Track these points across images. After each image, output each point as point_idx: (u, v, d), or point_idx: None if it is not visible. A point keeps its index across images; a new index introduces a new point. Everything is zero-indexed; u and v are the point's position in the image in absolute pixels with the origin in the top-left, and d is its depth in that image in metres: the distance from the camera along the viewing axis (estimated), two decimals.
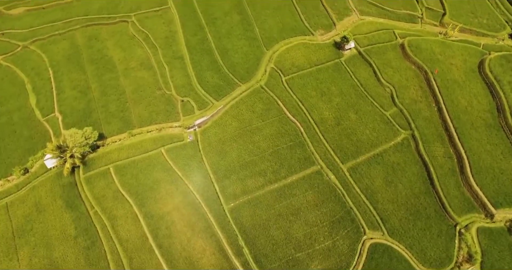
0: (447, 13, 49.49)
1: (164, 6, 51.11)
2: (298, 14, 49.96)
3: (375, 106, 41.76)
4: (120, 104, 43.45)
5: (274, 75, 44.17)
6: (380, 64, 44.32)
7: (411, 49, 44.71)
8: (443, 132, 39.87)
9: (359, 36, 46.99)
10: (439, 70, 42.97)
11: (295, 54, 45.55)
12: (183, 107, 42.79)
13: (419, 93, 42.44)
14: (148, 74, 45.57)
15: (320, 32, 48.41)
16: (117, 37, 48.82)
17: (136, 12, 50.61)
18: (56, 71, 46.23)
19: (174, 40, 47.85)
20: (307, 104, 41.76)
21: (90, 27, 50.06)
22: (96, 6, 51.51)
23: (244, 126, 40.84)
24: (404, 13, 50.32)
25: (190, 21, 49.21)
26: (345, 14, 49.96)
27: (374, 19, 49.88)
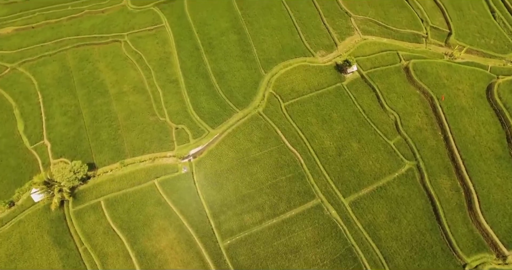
0: (452, 33, 48.03)
1: (158, 24, 49.73)
2: (298, 33, 48.55)
3: (378, 134, 40.40)
4: (112, 131, 42.11)
5: (273, 100, 42.81)
6: (384, 89, 42.93)
7: (416, 73, 43.31)
8: (450, 163, 38.49)
9: (362, 58, 45.59)
10: (445, 96, 41.59)
11: (294, 78, 44.17)
12: (178, 135, 41.47)
13: (425, 121, 41.06)
14: (141, 99, 44.23)
15: (321, 53, 47.00)
16: (109, 58, 47.43)
17: (129, 32, 49.23)
18: (45, 95, 44.89)
19: (168, 62, 46.46)
20: (307, 132, 40.41)
21: (82, 47, 48.68)
22: (87, 25, 50.10)
23: (241, 156, 39.53)
24: (408, 33, 48.88)
25: (185, 42, 47.80)
26: (347, 34, 48.53)
27: (377, 38, 48.45)
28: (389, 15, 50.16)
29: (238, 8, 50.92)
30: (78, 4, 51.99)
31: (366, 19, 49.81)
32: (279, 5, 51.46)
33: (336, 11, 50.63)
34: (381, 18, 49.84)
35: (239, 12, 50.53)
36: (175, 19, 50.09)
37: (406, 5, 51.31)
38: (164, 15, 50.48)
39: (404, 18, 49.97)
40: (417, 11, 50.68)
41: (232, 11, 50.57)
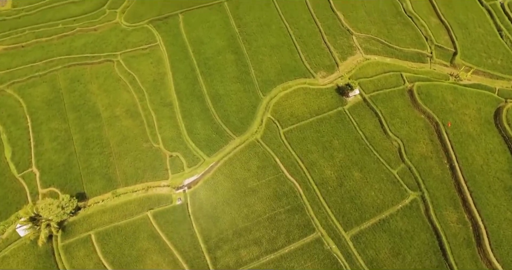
0: (458, 52, 46.62)
1: (153, 43, 48.30)
2: (298, 52, 47.19)
3: (381, 163, 39.08)
4: (103, 158, 40.81)
5: (271, 126, 41.48)
6: (387, 114, 41.57)
7: (420, 97, 41.97)
8: (456, 195, 37.17)
9: (364, 80, 44.22)
10: (451, 121, 40.25)
11: (294, 102, 42.84)
12: (172, 163, 40.18)
13: (430, 148, 39.71)
14: (134, 124, 42.89)
15: (321, 74, 45.62)
16: (102, 79, 46.06)
17: (122, 51, 47.81)
18: (34, 119, 43.54)
19: (162, 84, 45.10)
20: (307, 161, 39.09)
21: (73, 67, 47.27)
22: (79, 44, 48.68)
23: (238, 186, 38.26)
24: (412, 52, 47.49)
25: (180, 62, 46.43)
26: (348, 53, 47.13)
27: (380, 58, 47.04)
28: (392, 33, 48.74)
29: (235, 25, 49.55)
30: (70, 22, 50.46)
31: (368, 37, 48.42)
32: (278, 22, 50.09)
33: (337, 29, 49.22)
34: (384, 36, 48.44)
35: (236, 29, 49.15)
36: (170, 37, 48.67)
37: (410, 22, 49.86)
38: (158, 33, 49.06)
39: (408, 36, 48.54)
40: (421, 28, 49.25)
41: (229, 29, 49.20)
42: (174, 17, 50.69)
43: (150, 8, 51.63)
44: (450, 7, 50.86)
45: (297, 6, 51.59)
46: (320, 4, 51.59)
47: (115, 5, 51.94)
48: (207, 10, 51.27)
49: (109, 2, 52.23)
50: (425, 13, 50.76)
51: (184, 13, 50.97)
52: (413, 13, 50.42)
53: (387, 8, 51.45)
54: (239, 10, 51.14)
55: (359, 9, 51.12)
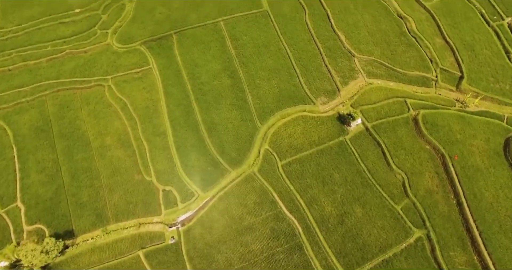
0: (465, 77, 45.19)
1: (145, 67, 46.92)
2: (297, 76, 45.76)
3: (384, 198, 37.70)
4: (93, 192, 39.46)
5: (269, 158, 40.10)
6: (391, 144, 40.19)
7: (426, 126, 40.59)
8: (465, 234, 35.81)
9: (366, 107, 42.83)
10: (458, 153, 38.84)
11: (293, 131, 41.44)
12: (165, 198, 38.85)
13: (435, 182, 38.31)
14: (125, 154, 41.52)
15: (322, 100, 44.21)
16: (92, 105, 44.67)
17: (114, 75, 46.46)
18: (21, 149, 42.18)
19: (155, 111, 43.69)
20: (306, 197, 37.73)
21: (62, 92, 45.93)
22: (68, 67, 47.28)
23: (234, 224, 36.94)
24: (417, 75, 46.08)
25: (174, 87, 45.00)
26: (350, 77, 45.70)
27: (383, 82, 45.64)
28: (395, 55, 47.30)
29: (231, 46, 48.12)
30: (59, 43, 49.03)
31: (371, 59, 46.97)
32: (277, 43, 48.63)
33: (338, 50, 47.77)
34: (387, 58, 47.00)
35: (232, 51, 47.71)
36: (163, 60, 47.21)
37: (414, 43, 48.41)
38: (151, 55, 47.63)
39: (412, 59, 47.11)
40: (426, 50, 47.83)
41: (225, 51, 47.75)
42: (168, 38, 49.23)
43: (142, 28, 50.16)
44: (456, 28, 49.37)
45: (297, 25, 50.14)
46: (321, 24, 50.14)
47: (107, 26, 50.50)
48: (202, 30, 49.82)
49: (100, 22, 50.79)
50: (430, 33, 49.30)
51: (178, 34, 49.54)
52: (417, 34, 48.97)
53: (390, 28, 50.00)
54: (235, 30, 49.70)
55: (361, 29, 49.66)
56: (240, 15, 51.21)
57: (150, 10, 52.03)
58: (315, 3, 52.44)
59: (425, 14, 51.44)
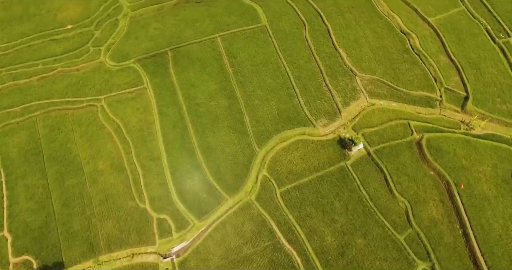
0: (470, 97, 44.21)
1: (139, 86, 45.97)
2: (297, 96, 44.82)
3: (387, 227, 36.79)
4: (85, 220, 38.56)
5: (267, 185, 39.21)
6: (393, 170, 39.25)
7: (430, 151, 39.67)
8: (472, 268, 34.83)
9: (369, 130, 41.92)
10: (464, 181, 37.89)
11: (292, 157, 40.53)
12: (159, 226, 37.94)
13: (440, 211, 37.37)
14: (119, 179, 40.60)
15: (322, 122, 43.25)
16: (84, 127, 43.73)
17: (107, 95, 45.53)
18: (9, 174, 41.30)
19: (150, 134, 42.74)
20: (306, 226, 36.86)
21: (53, 112, 45.02)
22: (60, 86, 46.34)
23: (231, 255, 36.15)
24: (421, 95, 45.13)
25: (169, 108, 44.08)
26: (352, 97, 44.74)
27: (386, 103, 44.70)
28: (399, 74, 46.32)
29: (229, 64, 47.17)
30: (50, 61, 48.01)
31: (373, 78, 46.02)
32: (276, 60, 47.70)
33: (339, 69, 46.82)
34: (390, 77, 46.03)
35: (230, 70, 46.77)
36: (158, 79, 46.27)
37: (418, 60, 47.43)
38: (146, 73, 46.68)
39: (416, 77, 46.13)
40: (430, 68, 46.87)
41: (222, 69, 46.82)
42: (163, 55, 48.29)
43: (137, 45, 49.23)
44: (460, 45, 48.39)
45: (297, 42, 49.19)
46: (321, 40, 49.19)
47: (100, 42, 49.53)
48: (198, 47, 48.89)
49: (93, 39, 49.81)
50: (434, 50, 48.32)
51: (174, 51, 48.64)
52: (421, 51, 48.00)
53: (393, 44, 49.03)
54: (233, 47, 48.74)
55: (363, 46, 48.70)
56: (238, 30, 50.26)
57: (144, 26, 51.06)
58: (315, 18, 51.51)
59: (429, 30, 50.47)
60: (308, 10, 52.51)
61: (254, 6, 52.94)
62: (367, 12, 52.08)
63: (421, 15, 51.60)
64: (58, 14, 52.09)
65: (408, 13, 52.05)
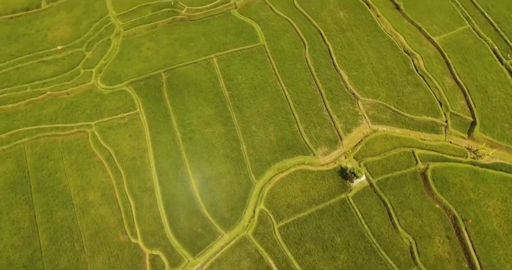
0: (477, 123, 43.10)
1: (132, 111, 44.86)
2: (296, 122, 43.74)
3: (390, 265, 35.69)
4: (73, 256, 37.54)
5: (265, 219, 38.17)
6: (397, 204, 38.17)
7: (435, 183, 38.60)
8: None
9: (371, 159, 40.86)
10: (472, 215, 36.83)
11: (291, 188, 39.44)
12: (152, 263, 36.95)
13: (447, 248, 36.26)
14: (110, 212, 39.55)
15: (322, 150, 42.15)
16: (74, 155, 42.63)
17: (98, 120, 44.41)
18: None
19: (142, 163, 41.65)
20: (305, 264, 35.88)
21: (42, 139, 43.97)
22: (49, 111, 45.24)
23: None
24: (425, 120, 44.04)
25: (162, 135, 43.00)
26: (353, 123, 43.63)
27: (389, 129, 43.62)
28: (402, 97, 45.21)
29: (225, 88, 46.09)
30: (39, 85, 46.89)
31: (376, 102, 44.92)
32: (274, 83, 46.65)
33: (341, 92, 45.74)
34: (393, 101, 44.94)
35: (226, 93, 45.68)
36: (151, 103, 45.19)
37: (422, 83, 46.35)
38: (139, 97, 45.60)
39: (420, 101, 45.04)
40: (435, 91, 45.78)
41: (218, 93, 45.75)
42: (157, 78, 47.23)
43: (129, 67, 48.16)
44: (466, 66, 47.30)
45: (296, 63, 48.11)
46: (322, 61, 48.12)
47: (91, 64, 48.40)
48: (193, 68, 47.83)
49: (84, 60, 48.67)
50: (439, 72, 47.23)
51: (168, 72, 47.55)
52: (426, 73, 46.94)
53: (396, 65, 47.94)
54: (230, 68, 47.67)
55: (365, 67, 47.60)
56: (235, 50, 49.18)
57: (137, 46, 49.98)
58: (315, 36, 50.44)
59: (434, 50, 49.37)
60: (308, 28, 51.46)
61: (252, 24, 51.90)
62: (369, 30, 51.02)
63: (425, 34, 50.52)
64: (48, 34, 51.02)
65: (412, 32, 50.97)
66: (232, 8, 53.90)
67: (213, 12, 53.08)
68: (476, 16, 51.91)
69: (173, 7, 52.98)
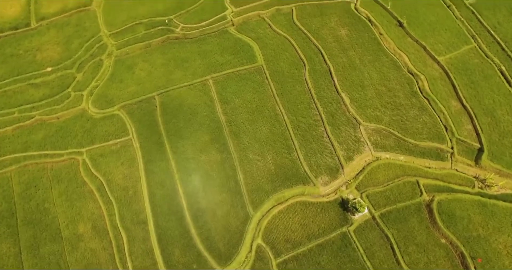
0: (485, 150, 42.23)
1: (124, 137, 44.03)
2: (295, 149, 42.91)
3: None
4: None
5: (262, 255, 37.38)
6: (401, 238, 37.32)
7: (441, 217, 37.75)
8: None
9: (373, 190, 40.03)
10: (481, 253, 35.94)
11: (290, 222, 38.70)
12: None
13: None
14: (101, 246, 38.77)
15: (323, 179, 41.33)
16: (64, 184, 41.89)
17: (89, 147, 43.63)
18: None
19: (135, 193, 40.88)
20: None
21: (30, 167, 43.27)
22: (38, 137, 44.51)
23: None
24: (430, 147, 43.21)
25: (156, 164, 42.22)
26: (355, 150, 42.80)
27: (392, 156, 42.80)
28: (406, 122, 44.37)
29: (221, 112, 45.28)
30: (27, 109, 46.09)
31: (379, 128, 44.06)
32: (273, 106, 45.87)
33: (342, 117, 44.91)
34: (397, 126, 44.10)
35: (222, 118, 44.86)
36: (144, 129, 44.41)
37: (427, 106, 45.50)
38: (131, 122, 44.81)
39: (425, 126, 44.20)
40: (440, 115, 44.92)
41: (214, 118, 44.96)
42: (150, 101, 46.45)
43: (122, 89, 47.39)
44: (473, 88, 46.46)
45: (296, 85, 47.32)
46: (323, 83, 47.30)
47: (82, 86, 47.65)
48: (188, 91, 47.04)
49: (75, 83, 47.90)
50: (444, 94, 46.37)
51: (162, 95, 46.76)
52: (430, 95, 46.09)
53: (400, 87, 47.10)
54: (226, 91, 46.85)
55: (367, 89, 46.77)
56: (232, 71, 48.39)
57: (130, 66, 49.18)
58: (316, 56, 49.62)
59: (439, 71, 48.54)
60: (308, 47, 50.65)
61: (250, 42, 51.10)
62: (372, 49, 50.21)
63: (430, 54, 49.67)
64: (37, 54, 50.23)
65: (416, 51, 50.14)
66: (229, 25, 53.17)
67: (209, 30, 52.40)
68: (482, 34, 51.20)
69: (167, 25, 52.30)
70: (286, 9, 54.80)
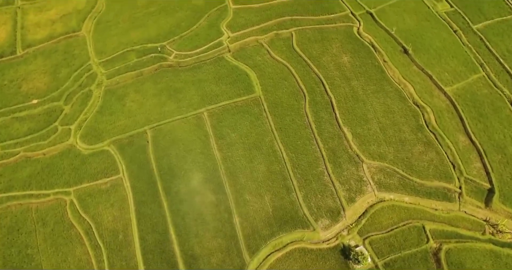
0: (496, 191, 41.33)
1: (114, 176, 43.16)
2: (294, 190, 42.04)
3: None
4: None
5: None
6: None
7: (450, 268, 36.49)
8: None
9: (377, 236, 39.10)
10: None
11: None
12: None
13: None
14: None
15: (323, 223, 40.46)
16: (50, 227, 41.03)
17: (77, 186, 42.79)
18: None
19: (125, 237, 40.03)
20: None
21: (14, 208, 42.34)
22: (22, 176, 43.71)
23: None
24: (437, 186, 42.41)
25: (148, 206, 41.42)
26: (358, 191, 41.93)
27: (397, 197, 41.98)
28: (412, 159, 43.53)
29: (217, 148, 44.45)
30: (11, 145, 45.25)
31: (382, 166, 43.14)
32: (271, 142, 45.02)
33: (344, 154, 44.05)
34: (402, 164, 43.29)
35: (218, 155, 44.00)
36: (135, 166, 43.57)
37: (433, 141, 44.72)
38: (122, 159, 44.00)
39: (431, 164, 43.35)
40: (447, 151, 44.09)
41: (209, 155, 44.14)
42: (141, 135, 45.66)
43: (112, 123, 46.62)
44: (482, 122, 45.61)
45: (295, 118, 46.50)
46: (324, 116, 46.46)
47: (70, 120, 46.85)
48: (181, 124, 46.28)
49: (62, 116, 47.05)
50: (452, 129, 45.54)
51: (154, 129, 45.86)
52: (437, 129, 45.30)
53: (405, 120, 46.27)
54: (222, 124, 45.99)
55: (371, 123, 45.92)
56: (228, 103, 47.54)
57: (121, 97, 48.39)
58: (317, 86, 48.86)
59: (446, 102, 47.74)
60: (309, 76, 49.83)
61: (247, 70, 50.29)
62: (375, 78, 49.40)
63: (436, 84, 48.88)
64: (23, 84, 49.40)
65: (422, 81, 49.34)
66: (225, 52, 52.32)
67: (204, 57, 51.57)
68: (491, 62, 50.53)
69: (160, 52, 51.46)
70: (285, 33, 54.05)
